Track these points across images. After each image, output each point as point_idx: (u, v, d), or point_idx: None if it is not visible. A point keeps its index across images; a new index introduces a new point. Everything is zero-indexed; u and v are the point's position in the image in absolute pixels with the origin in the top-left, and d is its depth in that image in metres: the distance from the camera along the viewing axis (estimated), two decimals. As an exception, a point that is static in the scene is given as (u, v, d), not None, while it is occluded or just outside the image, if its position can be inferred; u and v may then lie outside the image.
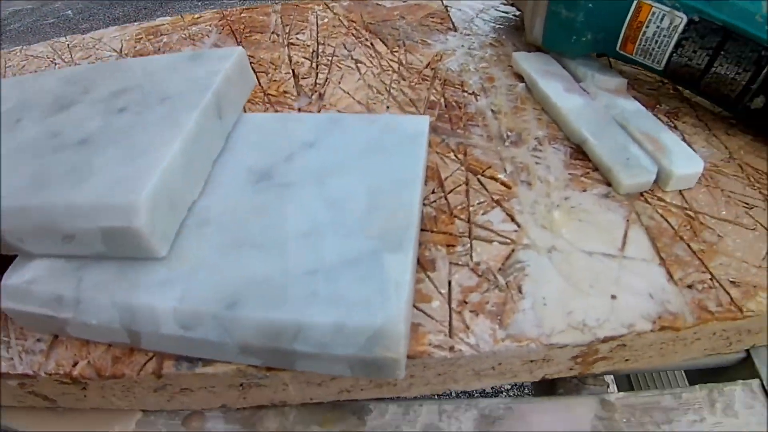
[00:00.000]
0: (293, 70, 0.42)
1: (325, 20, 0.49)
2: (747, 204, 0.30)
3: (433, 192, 0.31)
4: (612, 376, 0.46)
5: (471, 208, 0.29)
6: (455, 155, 0.33)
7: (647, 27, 0.33)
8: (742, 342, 0.27)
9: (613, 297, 0.25)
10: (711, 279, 0.26)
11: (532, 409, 0.27)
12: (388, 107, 0.37)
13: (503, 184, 0.31)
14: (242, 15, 0.52)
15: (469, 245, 0.27)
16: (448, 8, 0.50)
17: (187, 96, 0.28)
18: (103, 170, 0.24)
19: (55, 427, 0.28)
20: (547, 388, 0.31)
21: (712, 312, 0.24)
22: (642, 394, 0.27)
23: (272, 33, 0.48)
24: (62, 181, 0.24)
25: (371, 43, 0.45)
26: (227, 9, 0.54)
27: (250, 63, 0.43)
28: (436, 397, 0.27)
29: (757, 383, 0.27)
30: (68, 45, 0.54)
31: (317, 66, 0.43)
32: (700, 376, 0.31)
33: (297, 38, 0.47)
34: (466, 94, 0.38)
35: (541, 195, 0.30)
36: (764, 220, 0.29)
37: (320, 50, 0.45)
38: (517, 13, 0.48)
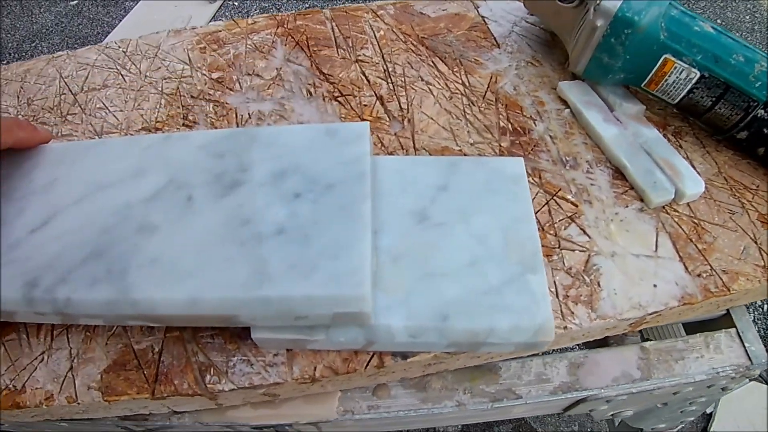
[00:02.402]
0: (376, 93, 0.58)
1: (381, 32, 0.65)
2: (731, 211, 0.52)
3: (526, 214, 0.50)
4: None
5: (555, 225, 0.49)
6: (532, 179, 0.52)
7: (669, 76, 0.53)
8: (726, 306, 0.50)
9: (655, 286, 0.47)
10: (710, 269, 0.48)
11: (599, 356, 0.50)
12: (468, 132, 0.55)
13: (572, 203, 0.51)
14: (298, 23, 0.66)
15: (560, 254, 0.48)
16: (486, 20, 0.67)
17: (351, 185, 0.42)
18: (320, 264, 0.38)
19: (278, 413, 0.47)
20: (601, 341, 0.53)
21: (713, 292, 0.46)
22: (664, 342, 0.50)
23: (338, 47, 0.63)
24: (289, 274, 0.38)
25: (432, 62, 0.62)
26: (278, 14, 0.67)
27: (333, 84, 0.59)
28: (539, 354, 0.48)
29: (734, 331, 0.51)
30: (123, 51, 0.65)
31: (394, 88, 0.59)
32: (693, 325, 0.55)
33: (363, 54, 0.62)
34: (526, 119, 0.57)
35: (599, 212, 0.50)
36: (743, 224, 0.51)
37: (390, 69, 0.61)
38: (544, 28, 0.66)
